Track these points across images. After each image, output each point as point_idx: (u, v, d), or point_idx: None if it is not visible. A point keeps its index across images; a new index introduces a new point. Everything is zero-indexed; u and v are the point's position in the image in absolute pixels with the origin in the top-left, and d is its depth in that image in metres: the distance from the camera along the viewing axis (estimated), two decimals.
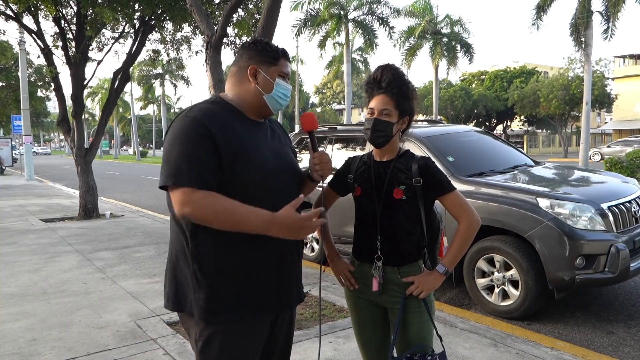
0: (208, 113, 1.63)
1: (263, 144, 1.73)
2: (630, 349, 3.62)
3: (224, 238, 1.59)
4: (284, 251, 1.71)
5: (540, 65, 52.09)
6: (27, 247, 6.94)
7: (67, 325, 3.93)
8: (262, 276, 1.66)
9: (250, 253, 1.64)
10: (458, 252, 1.92)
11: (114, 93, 9.93)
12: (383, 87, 1.92)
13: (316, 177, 1.83)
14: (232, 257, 1.62)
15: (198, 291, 1.61)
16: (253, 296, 1.64)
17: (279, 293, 1.72)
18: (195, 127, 1.57)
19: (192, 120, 1.59)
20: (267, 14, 4.50)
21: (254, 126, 1.74)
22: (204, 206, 1.53)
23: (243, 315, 1.63)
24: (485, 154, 5.40)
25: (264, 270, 1.67)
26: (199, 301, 1.60)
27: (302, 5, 24.63)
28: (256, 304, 1.65)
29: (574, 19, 19.05)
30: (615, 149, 28.54)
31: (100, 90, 50.02)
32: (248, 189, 1.60)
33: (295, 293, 1.80)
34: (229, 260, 1.61)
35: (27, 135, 19.93)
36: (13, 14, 9.37)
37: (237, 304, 1.62)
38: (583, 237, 3.88)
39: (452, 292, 4.98)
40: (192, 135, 1.57)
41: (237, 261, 1.62)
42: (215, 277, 1.61)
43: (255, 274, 1.65)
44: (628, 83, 42.34)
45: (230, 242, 1.60)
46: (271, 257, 1.68)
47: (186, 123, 1.59)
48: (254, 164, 1.64)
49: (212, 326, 1.61)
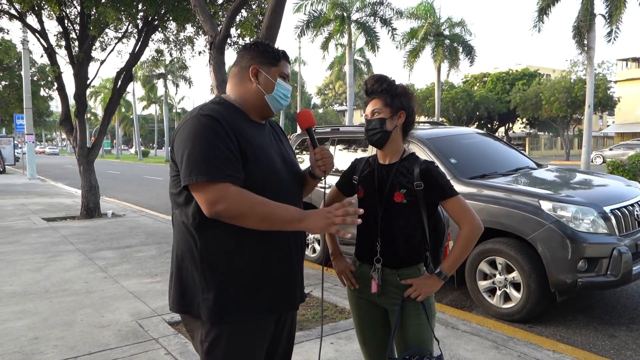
0: (219, 113, 1.62)
1: (269, 145, 1.74)
2: (632, 353, 3.62)
3: (233, 238, 1.60)
4: (289, 252, 1.72)
5: (543, 67, 52.07)
6: (29, 246, 6.95)
7: (69, 324, 3.94)
8: (270, 276, 1.67)
9: (258, 253, 1.64)
10: (458, 257, 1.93)
11: (117, 93, 9.95)
12: (370, 92, 2.00)
13: (318, 173, 1.83)
14: (241, 257, 1.62)
15: (207, 292, 1.60)
16: (261, 297, 1.65)
17: (285, 294, 1.72)
18: (216, 125, 1.57)
19: (210, 118, 1.58)
20: (271, 15, 4.52)
21: (258, 128, 1.75)
22: (241, 200, 1.51)
23: (251, 315, 1.64)
24: (487, 156, 5.40)
25: (271, 270, 1.67)
26: (208, 302, 1.60)
27: (305, 6, 24.65)
28: (264, 304, 1.66)
29: (576, 22, 19.02)
30: (617, 152, 28.51)
31: (103, 90, 50.08)
32: (256, 190, 1.60)
33: (299, 294, 1.81)
34: (238, 261, 1.61)
35: (30, 135, 19.97)
36: (17, 14, 9.40)
37: (245, 305, 1.63)
38: (585, 240, 3.87)
39: (453, 294, 4.98)
40: (216, 131, 1.56)
41: (246, 261, 1.62)
42: (225, 277, 1.61)
43: (262, 275, 1.65)
44: (630, 86, 42.28)
45: (239, 243, 1.61)
46: (278, 258, 1.68)
47: (205, 121, 1.58)
48: (262, 165, 1.64)
49: (219, 327, 1.61)
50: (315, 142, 1.84)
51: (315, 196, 5.08)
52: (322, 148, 1.83)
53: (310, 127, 1.85)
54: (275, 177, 1.68)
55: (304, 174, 1.88)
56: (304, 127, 1.86)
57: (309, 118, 1.86)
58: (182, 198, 1.64)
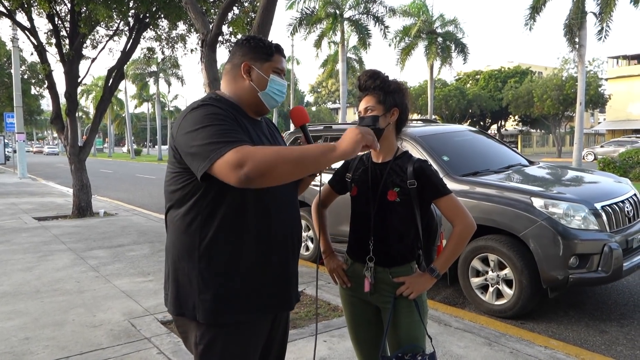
0: (219, 102, 1.61)
1: (266, 142, 1.71)
2: (622, 348, 3.65)
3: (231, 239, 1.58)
4: (286, 252, 1.70)
5: (535, 65, 52.32)
6: (20, 246, 6.89)
7: (60, 324, 3.91)
8: (267, 277, 1.65)
9: (256, 254, 1.62)
10: (451, 255, 1.93)
11: (108, 91, 9.89)
12: (364, 88, 1.99)
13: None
14: (239, 258, 1.59)
15: (204, 293, 1.57)
16: (258, 297, 1.63)
17: (281, 294, 1.71)
18: (218, 110, 1.54)
19: (213, 107, 1.55)
20: (263, 12, 4.50)
21: (254, 123, 1.73)
22: (264, 153, 1.38)
23: (248, 316, 1.62)
24: (479, 153, 5.42)
25: (269, 271, 1.65)
26: (205, 302, 1.57)
27: (297, 4, 24.60)
28: (260, 305, 1.63)
29: (568, 20, 19.13)
30: (608, 149, 28.73)
31: (94, 88, 49.75)
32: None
33: (294, 294, 1.79)
34: (236, 261, 1.59)
35: (20, 133, 19.79)
36: (6, 11, 9.29)
37: (242, 306, 1.60)
38: (577, 237, 3.90)
39: (446, 291, 5.00)
40: (219, 114, 1.52)
41: (244, 262, 1.60)
42: (223, 278, 1.58)
43: (260, 275, 1.63)
44: (621, 83, 42.59)
45: (238, 243, 1.59)
46: (275, 258, 1.66)
47: (209, 108, 1.54)
48: None
49: (214, 329, 1.58)
50: (310, 139, 1.80)
51: (309, 194, 5.08)
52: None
53: (304, 124, 1.83)
54: None
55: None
56: (298, 124, 1.83)
57: (303, 115, 1.83)
58: (180, 195, 1.60)
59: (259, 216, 1.61)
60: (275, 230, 1.64)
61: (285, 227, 1.69)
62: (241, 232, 1.57)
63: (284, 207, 1.70)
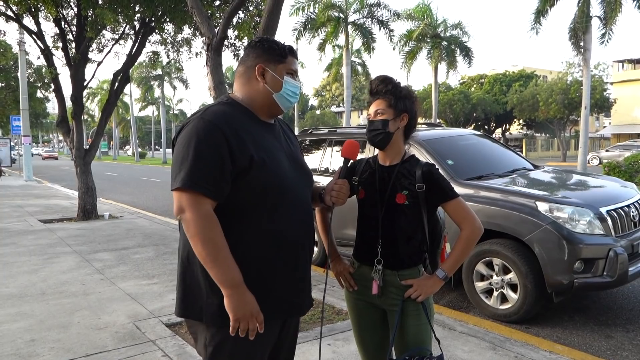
0: (223, 117, 1.60)
1: (278, 147, 1.71)
2: (628, 353, 3.63)
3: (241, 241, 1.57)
4: (297, 257, 1.70)
5: (539, 69, 52.25)
6: (26, 248, 6.93)
7: (65, 326, 3.93)
8: (277, 281, 1.64)
9: (266, 258, 1.61)
10: (459, 258, 1.94)
11: (114, 94, 9.94)
12: (375, 93, 2.01)
13: (327, 201, 1.85)
14: (249, 261, 1.59)
15: (211, 296, 1.57)
16: (268, 301, 1.61)
17: (293, 299, 1.70)
18: (213, 132, 1.55)
19: (209, 124, 1.56)
20: (268, 16, 4.52)
21: (267, 129, 1.72)
22: (207, 223, 1.50)
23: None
24: (484, 157, 5.41)
25: (280, 275, 1.65)
26: (212, 306, 1.57)
27: (301, 9, 24.64)
28: (270, 309, 1.62)
29: (572, 24, 19.11)
30: (613, 153, 28.59)
31: (100, 92, 49.98)
32: (266, 193, 1.59)
33: (307, 299, 1.79)
34: (246, 265, 1.57)
35: (26, 136, 19.93)
36: (14, 15, 9.37)
37: None
38: (582, 241, 3.88)
39: (451, 295, 4.98)
40: (209, 139, 1.54)
41: (254, 266, 1.60)
42: None
43: (270, 279, 1.63)
44: (627, 87, 42.42)
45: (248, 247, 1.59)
46: (287, 263, 1.66)
47: (203, 126, 1.56)
48: (270, 168, 1.61)
49: (224, 331, 1.57)
50: (344, 174, 1.90)
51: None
52: (343, 182, 1.86)
53: (348, 158, 1.93)
54: (284, 179, 1.65)
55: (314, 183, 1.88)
56: (344, 155, 1.91)
57: (354, 151, 1.94)
58: None
59: (270, 220, 1.61)
60: (286, 236, 1.64)
61: (297, 233, 1.69)
62: (250, 236, 1.57)
63: (297, 212, 1.69)
